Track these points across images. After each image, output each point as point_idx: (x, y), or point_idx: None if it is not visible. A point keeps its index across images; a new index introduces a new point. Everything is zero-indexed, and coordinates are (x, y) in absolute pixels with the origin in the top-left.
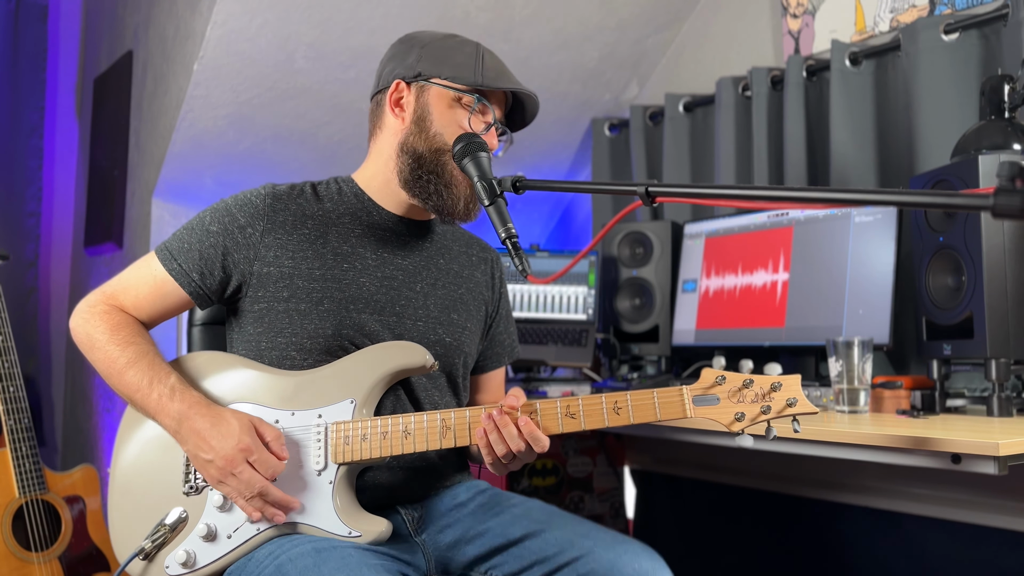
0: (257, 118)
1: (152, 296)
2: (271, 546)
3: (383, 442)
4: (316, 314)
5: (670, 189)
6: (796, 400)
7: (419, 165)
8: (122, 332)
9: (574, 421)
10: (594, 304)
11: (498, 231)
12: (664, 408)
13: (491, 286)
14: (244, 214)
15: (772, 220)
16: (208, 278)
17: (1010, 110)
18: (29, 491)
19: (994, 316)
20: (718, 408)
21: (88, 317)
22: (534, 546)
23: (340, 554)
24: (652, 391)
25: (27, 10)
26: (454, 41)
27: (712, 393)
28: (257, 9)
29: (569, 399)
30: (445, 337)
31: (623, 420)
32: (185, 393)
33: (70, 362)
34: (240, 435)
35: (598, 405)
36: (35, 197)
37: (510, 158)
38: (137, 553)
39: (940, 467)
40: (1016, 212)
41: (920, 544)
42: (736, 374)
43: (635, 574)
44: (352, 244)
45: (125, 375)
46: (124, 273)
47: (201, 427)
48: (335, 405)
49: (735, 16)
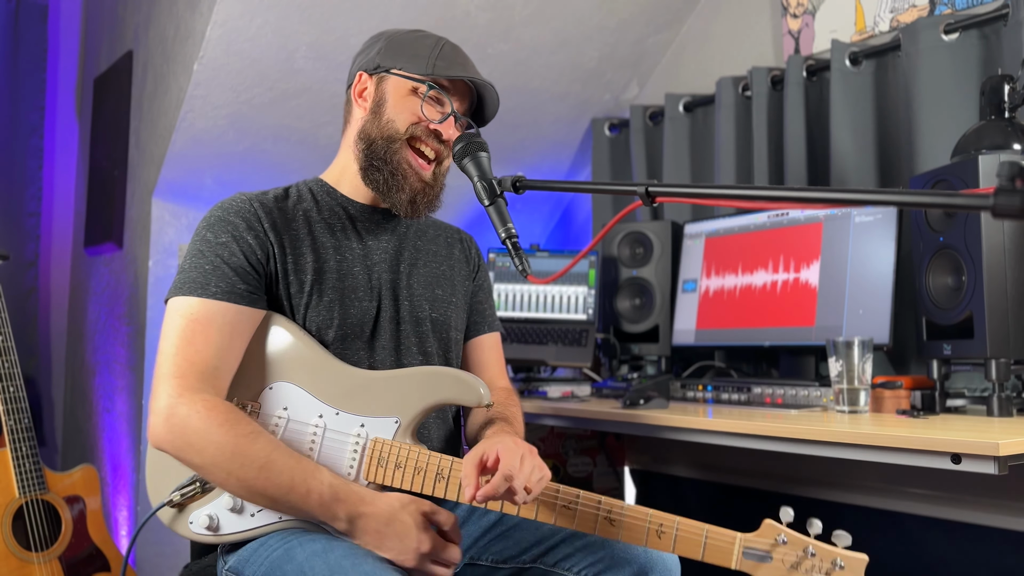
0: (257, 118)
1: (215, 334)
2: (284, 533)
3: (415, 477)
4: (320, 306)
5: (670, 189)
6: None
7: (371, 151)
8: (241, 424)
9: (612, 528)
10: (594, 304)
11: (498, 231)
12: (710, 551)
13: (468, 260)
14: (241, 218)
15: (772, 220)
16: (249, 282)
17: (1010, 110)
18: (29, 491)
19: (994, 316)
20: (769, 568)
21: (184, 411)
22: (533, 526)
23: (349, 544)
24: (703, 527)
25: (27, 10)
26: (417, 35)
27: (768, 552)
28: (257, 9)
29: (612, 502)
30: (432, 313)
31: (664, 546)
32: (344, 488)
33: (70, 362)
34: (418, 535)
35: (642, 522)
36: (35, 197)
37: (510, 158)
38: (166, 503)
39: (940, 467)
40: (1016, 212)
41: (920, 544)
42: (800, 538)
43: (646, 552)
44: (338, 237)
45: (270, 477)
46: (170, 346)
47: (376, 526)
48: (380, 419)
49: (735, 16)
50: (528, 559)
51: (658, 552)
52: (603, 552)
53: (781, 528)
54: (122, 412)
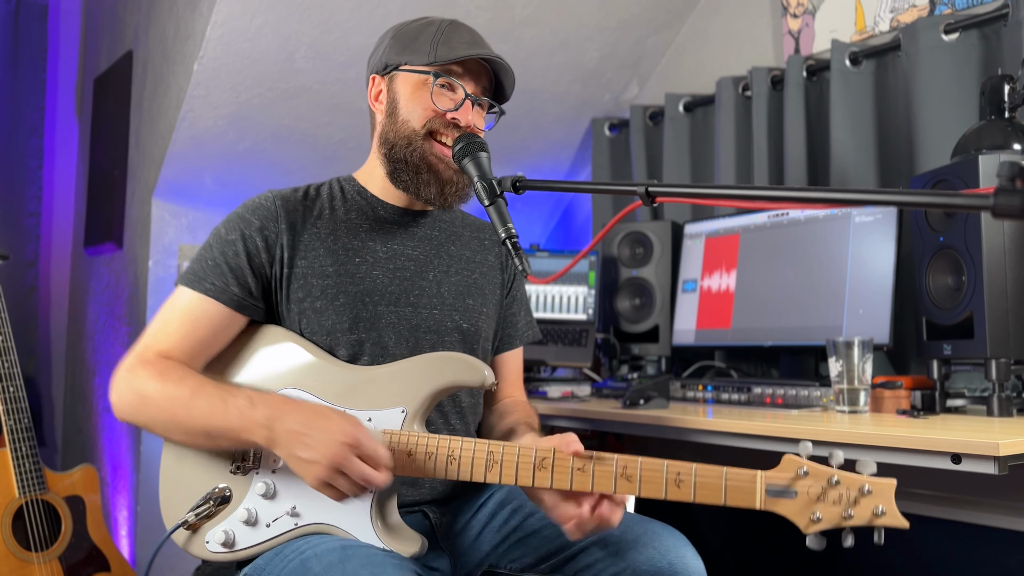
0: (257, 118)
1: (190, 326)
2: (299, 542)
3: (427, 463)
4: (332, 310)
5: (670, 189)
6: (885, 511)
7: (393, 155)
8: (174, 372)
9: (629, 484)
10: (594, 304)
11: (498, 231)
12: (732, 492)
13: (504, 267)
14: (258, 217)
15: (772, 220)
16: (244, 285)
17: (1010, 110)
18: (29, 491)
19: (994, 316)
20: (794, 503)
21: (128, 377)
22: (554, 533)
23: (366, 551)
24: (722, 470)
25: (27, 10)
26: (420, 24)
27: (791, 486)
28: (257, 9)
29: (627, 459)
30: (462, 323)
31: (683, 495)
32: (265, 396)
33: (70, 362)
34: (343, 425)
35: (658, 473)
36: (35, 197)
37: (510, 158)
38: (180, 524)
39: (940, 467)
40: (1016, 212)
41: (920, 544)
42: (822, 468)
43: (655, 552)
44: (361, 239)
45: (193, 406)
46: (150, 327)
47: (294, 425)
48: (386, 411)
49: (735, 16)
50: (548, 568)
51: (682, 561)
52: (625, 563)
53: (802, 461)
54: None
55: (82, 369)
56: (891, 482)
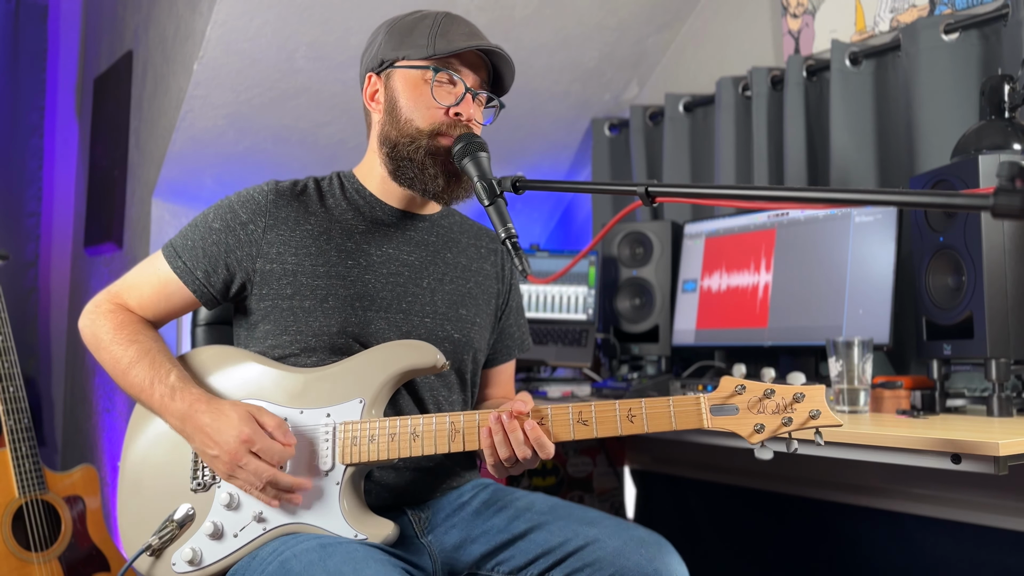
0: (257, 118)
1: (157, 295)
2: (275, 543)
3: (391, 444)
4: (321, 312)
5: (670, 189)
6: (819, 412)
7: (396, 154)
8: (125, 330)
9: (586, 428)
10: (594, 304)
11: (498, 231)
12: (680, 417)
13: (500, 277)
14: (246, 210)
15: (772, 220)
16: (212, 276)
17: (1010, 110)
18: (29, 491)
19: (994, 316)
20: (737, 419)
21: (94, 317)
22: (539, 538)
23: (345, 549)
24: (668, 399)
25: (27, 10)
26: (415, 17)
27: (731, 403)
28: (257, 9)
29: (581, 405)
30: (454, 333)
31: (637, 428)
32: (185, 391)
33: (70, 362)
34: (240, 426)
35: (611, 412)
36: (35, 197)
37: (510, 158)
38: (144, 549)
39: (940, 467)
40: (1016, 212)
41: (920, 544)
42: (757, 383)
43: (641, 559)
44: (356, 241)
45: (129, 375)
46: (131, 272)
47: (203, 423)
48: (344, 404)
49: (735, 16)
50: (534, 572)
51: (667, 568)
52: (612, 569)
53: (737, 379)
54: (122, 412)
55: (82, 369)
56: (820, 387)
